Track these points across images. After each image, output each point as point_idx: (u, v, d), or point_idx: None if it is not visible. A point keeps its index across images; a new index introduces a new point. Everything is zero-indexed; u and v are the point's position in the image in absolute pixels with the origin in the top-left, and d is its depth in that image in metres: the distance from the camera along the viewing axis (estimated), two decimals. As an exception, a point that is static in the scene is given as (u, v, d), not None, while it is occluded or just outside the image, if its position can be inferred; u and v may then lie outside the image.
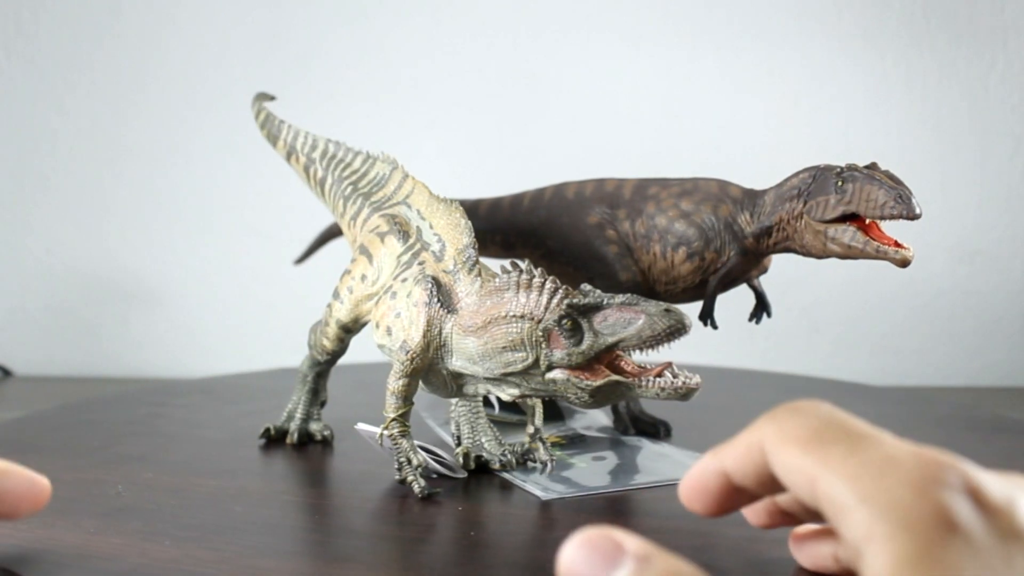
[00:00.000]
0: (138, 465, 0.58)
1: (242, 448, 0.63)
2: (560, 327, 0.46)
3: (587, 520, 0.47)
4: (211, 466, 0.58)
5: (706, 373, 0.92)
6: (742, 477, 0.33)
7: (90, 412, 0.74)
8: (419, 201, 0.57)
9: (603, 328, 0.45)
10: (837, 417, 0.30)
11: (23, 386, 1.03)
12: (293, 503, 0.51)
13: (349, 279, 0.59)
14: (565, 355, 0.46)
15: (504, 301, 0.48)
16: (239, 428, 0.68)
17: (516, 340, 0.47)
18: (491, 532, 0.46)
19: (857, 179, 0.54)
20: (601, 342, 0.45)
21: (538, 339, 0.46)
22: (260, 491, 0.53)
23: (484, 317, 0.48)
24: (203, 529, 0.46)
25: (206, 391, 0.83)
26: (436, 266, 0.53)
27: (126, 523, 0.47)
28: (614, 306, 0.45)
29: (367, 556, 0.43)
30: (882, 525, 0.26)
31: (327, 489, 0.55)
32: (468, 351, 0.49)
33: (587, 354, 0.45)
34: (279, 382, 0.86)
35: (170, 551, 0.43)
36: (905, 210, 0.52)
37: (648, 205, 0.63)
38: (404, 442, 0.53)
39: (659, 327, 0.43)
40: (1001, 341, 1.06)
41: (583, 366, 0.45)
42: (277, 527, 0.47)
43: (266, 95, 0.72)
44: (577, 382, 0.45)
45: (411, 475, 0.52)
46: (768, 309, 0.64)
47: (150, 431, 0.68)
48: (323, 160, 0.66)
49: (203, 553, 0.43)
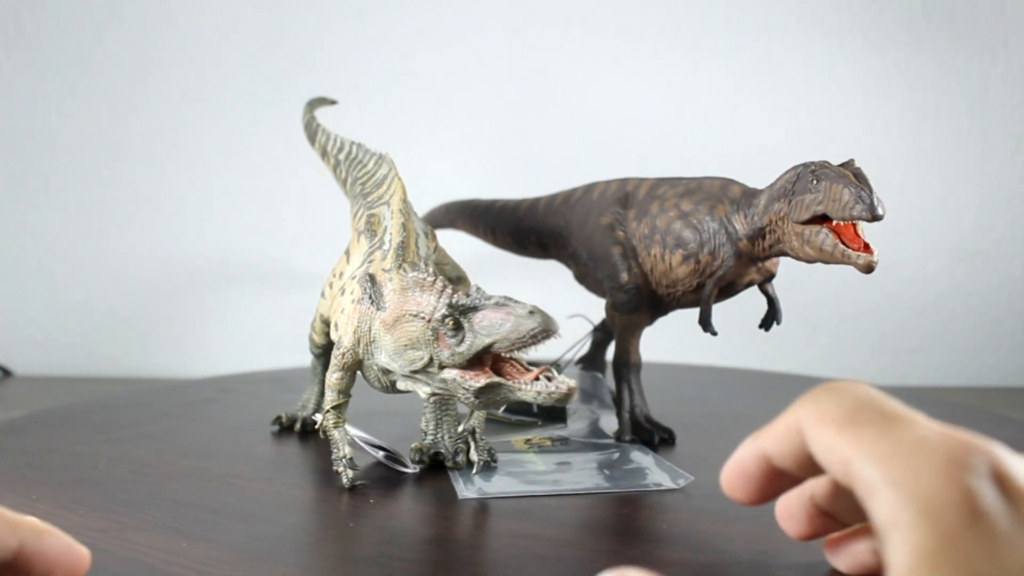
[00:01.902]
0: (141, 469, 0.58)
1: (247, 453, 0.63)
2: (444, 326, 0.46)
3: (488, 521, 0.48)
4: (220, 470, 0.58)
5: (706, 373, 0.92)
6: (781, 459, 0.32)
7: (90, 413, 0.74)
8: (394, 201, 0.58)
9: (480, 329, 0.45)
10: (872, 397, 0.30)
11: (23, 386, 1.03)
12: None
13: (331, 275, 0.61)
14: (450, 355, 0.46)
15: (407, 299, 0.49)
16: (239, 431, 0.68)
17: (414, 338, 0.48)
18: (381, 526, 0.47)
19: (829, 177, 0.52)
20: (479, 342, 0.45)
21: (429, 338, 0.47)
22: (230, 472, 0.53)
23: (394, 314, 0.49)
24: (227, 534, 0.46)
25: (207, 391, 0.83)
26: (380, 264, 0.53)
27: (141, 519, 0.47)
28: (489, 307, 0.45)
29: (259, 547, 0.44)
30: (906, 511, 0.26)
31: (308, 480, 0.55)
32: (387, 347, 0.50)
33: (466, 354, 0.46)
34: (279, 382, 0.86)
35: (191, 551, 0.43)
36: (866, 211, 0.50)
37: (653, 205, 0.61)
38: (336, 433, 0.55)
39: (524, 329, 0.44)
40: (1001, 341, 1.06)
41: (469, 366, 0.46)
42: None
43: (326, 99, 0.76)
44: (462, 382, 0.46)
45: (339, 465, 0.54)
46: (778, 316, 0.61)
47: (151, 432, 0.68)
48: (346, 161, 0.68)
49: (216, 552, 0.43)
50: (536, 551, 0.43)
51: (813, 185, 0.52)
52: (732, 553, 0.43)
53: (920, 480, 0.26)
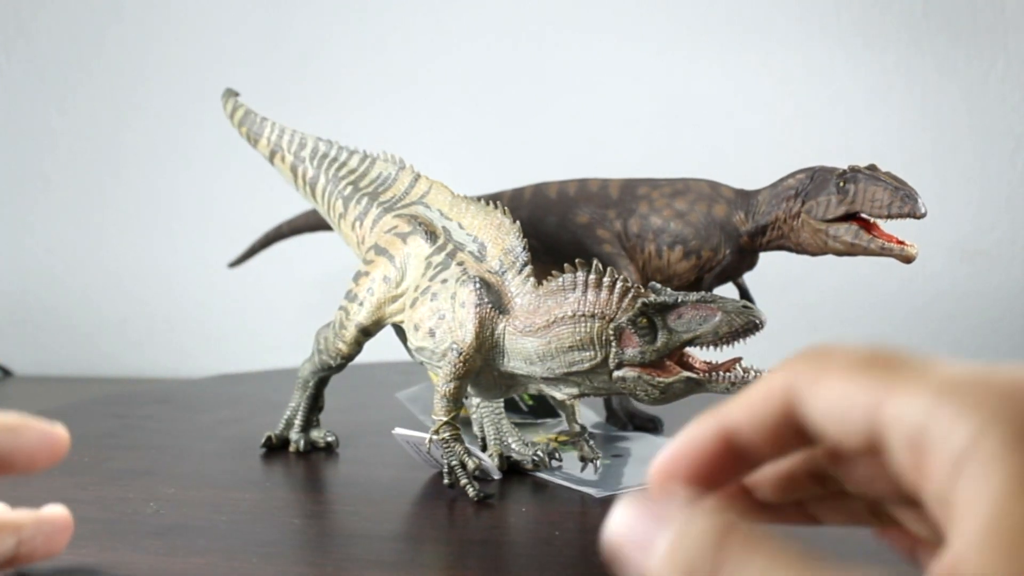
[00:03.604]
0: (138, 468, 0.58)
1: (248, 458, 0.63)
2: (635, 325, 0.46)
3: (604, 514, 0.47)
4: (224, 478, 0.58)
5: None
6: (752, 433, 0.27)
7: (90, 412, 0.74)
8: (439, 201, 0.57)
9: (677, 325, 0.46)
10: (884, 345, 0.26)
11: (23, 386, 1.03)
12: (345, 513, 0.51)
13: (368, 280, 0.57)
14: (639, 353, 0.47)
15: (569, 301, 0.49)
16: (242, 432, 0.68)
17: (584, 339, 0.48)
18: (569, 531, 0.47)
19: (860, 180, 0.56)
20: (676, 339, 0.46)
21: (608, 338, 0.47)
22: (290, 503, 0.53)
23: (546, 317, 0.49)
24: (246, 542, 0.46)
25: (207, 392, 0.83)
26: (479, 267, 0.53)
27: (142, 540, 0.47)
28: (689, 304, 0.46)
29: (447, 562, 0.43)
30: (989, 438, 0.22)
31: (371, 496, 0.53)
32: (526, 352, 0.49)
33: (661, 351, 0.46)
34: (280, 383, 0.87)
35: (207, 567, 0.43)
36: (912, 208, 0.54)
37: (640, 205, 0.64)
38: (457, 445, 0.52)
39: (736, 323, 0.45)
40: (1001, 341, 1.06)
41: (654, 364, 0.47)
42: (358, 538, 0.47)
43: (232, 91, 0.71)
44: (648, 379, 0.47)
45: (464, 478, 0.51)
46: (751, 300, 0.65)
47: (150, 432, 0.68)
48: (314, 159, 0.65)
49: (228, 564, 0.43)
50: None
51: (840, 187, 0.57)
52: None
53: (997, 403, 0.22)
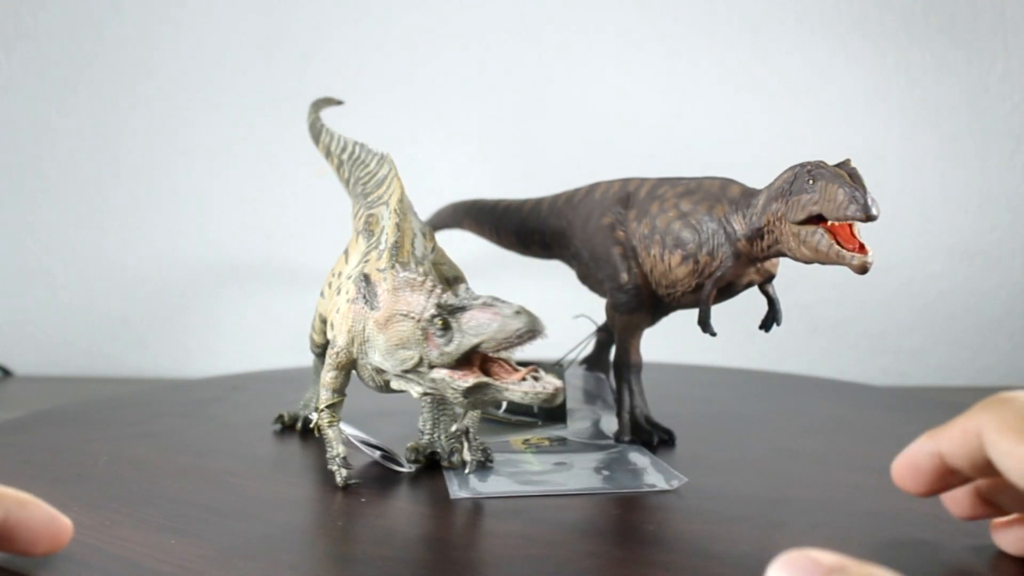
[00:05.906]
0: (139, 467, 0.58)
1: (248, 458, 0.63)
2: (433, 326, 0.47)
3: (479, 521, 0.48)
4: (224, 477, 0.58)
5: (706, 373, 0.92)
6: (956, 460, 0.36)
7: (90, 412, 0.74)
8: (392, 201, 0.58)
9: (468, 329, 0.45)
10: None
11: (23, 386, 1.03)
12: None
13: (330, 275, 0.61)
14: (438, 354, 0.46)
15: (398, 299, 0.49)
16: (239, 429, 0.68)
17: (404, 338, 0.48)
18: (372, 524, 0.47)
19: (824, 177, 0.51)
20: (467, 342, 0.45)
21: (419, 338, 0.47)
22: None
23: (386, 314, 0.50)
24: (244, 538, 0.46)
25: (208, 391, 0.83)
26: (375, 264, 0.53)
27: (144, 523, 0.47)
28: (476, 307, 0.45)
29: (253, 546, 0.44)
30: None
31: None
32: (379, 347, 0.50)
33: (454, 354, 0.46)
34: (281, 382, 0.87)
35: (195, 550, 0.43)
36: (860, 211, 0.49)
37: (653, 205, 0.61)
38: (330, 432, 0.55)
39: (510, 329, 0.44)
40: (1001, 341, 1.06)
41: (458, 366, 0.46)
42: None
43: (332, 100, 0.76)
44: (451, 382, 0.46)
45: (333, 464, 0.54)
46: (779, 317, 0.61)
47: (151, 431, 0.68)
48: (349, 161, 0.68)
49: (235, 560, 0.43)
50: (525, 551, 0.43)
51: (809, 185, 0.52)
52: (721, 555, 0.42)
53: None
